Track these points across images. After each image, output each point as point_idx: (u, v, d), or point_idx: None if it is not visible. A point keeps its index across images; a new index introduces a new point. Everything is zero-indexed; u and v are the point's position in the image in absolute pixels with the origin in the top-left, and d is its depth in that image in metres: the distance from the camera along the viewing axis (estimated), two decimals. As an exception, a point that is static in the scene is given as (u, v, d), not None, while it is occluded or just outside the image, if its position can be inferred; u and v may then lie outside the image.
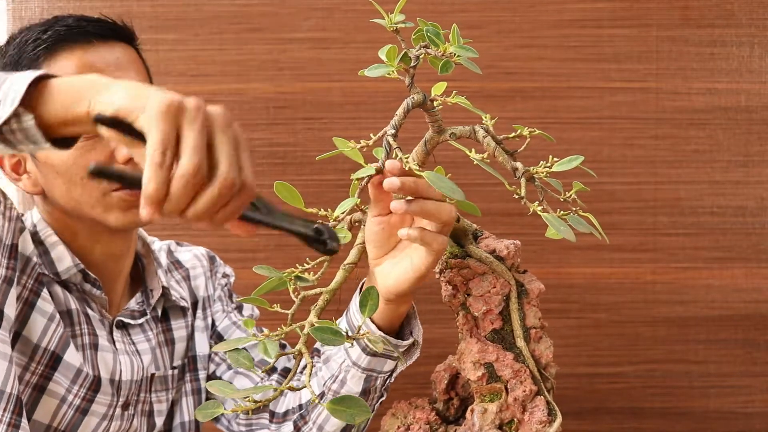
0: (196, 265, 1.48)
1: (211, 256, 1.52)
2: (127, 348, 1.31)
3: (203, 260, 1.50)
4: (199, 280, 1.47)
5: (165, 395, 1.38)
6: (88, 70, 1.20)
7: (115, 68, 1.23)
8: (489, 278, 1.08)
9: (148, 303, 1.36)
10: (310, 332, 1.01)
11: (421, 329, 1.20)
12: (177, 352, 1.40)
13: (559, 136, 1.82)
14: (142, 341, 1.34)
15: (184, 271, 1.47)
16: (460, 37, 1.00)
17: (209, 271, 1.49)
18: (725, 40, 1.83)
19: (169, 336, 1.40)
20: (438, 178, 0.99)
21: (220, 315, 1.47)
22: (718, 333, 1.88)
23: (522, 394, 1.06)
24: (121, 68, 1.24)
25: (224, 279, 1.51)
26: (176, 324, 1.41)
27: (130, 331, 1.33)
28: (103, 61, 1.22)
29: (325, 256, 0.98)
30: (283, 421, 1.36)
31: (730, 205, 1.86)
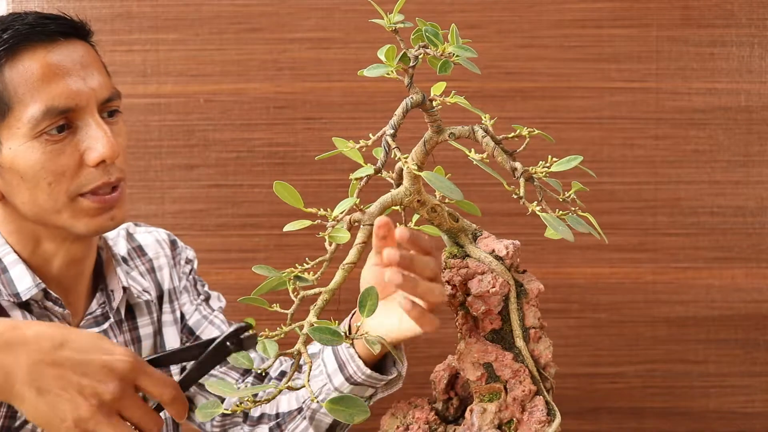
0: (159, 254, 1.44)
1: (172, 240, 1.47)
2: None
3: (165, 247, 1.45)
4: (163, 271, 1.43)
5: (149, 319, 1.36)
6: (54, 69, 1.17)
7: (80, 67, 1.20)
8: (488, 278, 1.08)
9: (110, 306, 1.32)
10: (308, 332, 1.00)
11: (405, 363, 1.21)
12: (144, 350, 1.37)
13: (559, 136, 1.82)
14: None
15: (147, 262, 1.42)
16: (459, 37, 1.00)
17: (172, 260, 1.45)
18: (725, 40, 1.83)
19: (135, 334, 1.36)
20: (436, 178, 0.99)
21: (189, 308, 1.43)
22: (718, 333, 1.88)
23: (521, 394, 1.06)
24: (85, 66, 1.21)
25: (188, 266, 1.47)
26: (142, 321, 1.37)
27: None
28: (68, 60, 1.19)
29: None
30: (257, 424, 1.35)
31: (730, 205, 1.86)
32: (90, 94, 1.19)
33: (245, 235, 1.84)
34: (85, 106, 1.19)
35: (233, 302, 1.82)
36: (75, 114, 1.18)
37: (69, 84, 1.17)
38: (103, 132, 1.19)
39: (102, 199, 1.21)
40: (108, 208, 1.22)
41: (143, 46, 1.82)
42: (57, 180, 1.18)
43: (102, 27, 1.82)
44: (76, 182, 1.19)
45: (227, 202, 1.84)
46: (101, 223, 1.22)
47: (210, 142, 1.83)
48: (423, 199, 1.08)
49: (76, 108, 1.18)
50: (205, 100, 1.83)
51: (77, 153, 1.18)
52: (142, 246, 1.44)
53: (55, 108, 1.16)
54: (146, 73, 1.82)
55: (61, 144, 1.17)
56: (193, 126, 1.83)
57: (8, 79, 1.16)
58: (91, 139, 1.19)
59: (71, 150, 1.18)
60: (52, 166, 1.17)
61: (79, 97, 1.18)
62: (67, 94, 1.17)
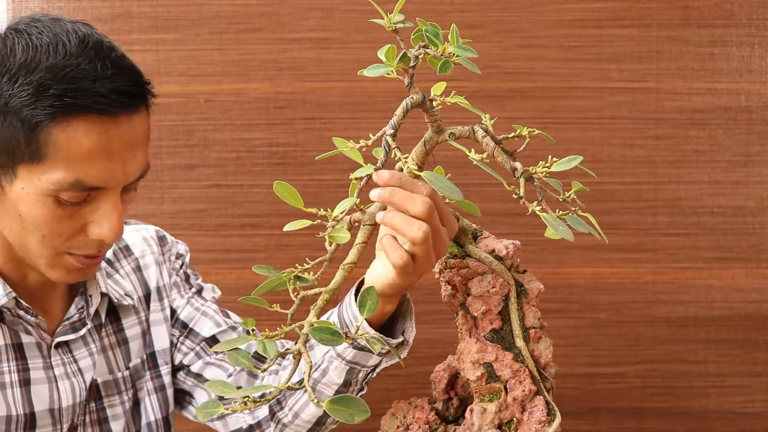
0: (145, 252, 1.41)
1: (161, 236, 1.44)
2: (68, 369, 1.26)
3: (153, 244, 1.42)
4: (150, 269, 1.40)
5: (119, 398, 1.33)
6: (101, 149, 1.10)
7: (127, 149, 1.13)
8: (488, 278, 1.08)
9: (87, 311, 1.30)
10: (308, 332, 1.00)
11: (414, 331, 1.20)
12: (132, 351, 1.35)
13: (559, 136, 1.82)
14: (84, 356, 1.29)
15: (133, 261, 1.40)
16: (459, 37, 1.00)
17: (161, 256, 1.42)
18: (725, 40, 1.83)
19: (120, 336, 1.34)
20: (436, 178, 0.99)
21: (180, 302, 1.41)
22: (718, 333, 1.88)
23: (521, 394, 1.06)
24: (132, 148, 1.14)
25: (178, 261, 1.44)
26: (128, 322, 1.35)
27: (71, 347, 1.28)
28: (118, 141, 1.11)
29: None
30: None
31: (730, 205, 1.86)
32: (123, 179, 1.14)
33: (245, 235, 1.84)
34: (112, 188, 1.14)
35: (233, 302, 1.83)
36: (99, 192, 1.13)
37: (108, 167, 1.11)
38: (117, 216, 1.15)
39: (85, 261, 1.18)
40: (86, 267, 1.20)
41: (143, 46, 1.82)
42: (52, 237, 1.14)
43: (102, 27, 1.80)
44: (69, 244, 1.16)
45: (227, 202, 1.84)
46: (75, 277, 1.21)
47: (210, 142, 1.83)
48: (423, 199, 1.08)
49: (104, 188, 1.13)
50: (205, 100, 1.83)
51: (82, 221, 1.15)
52: (129, 246, 1.41)
53: (84, 184, 1.11)
54: (146, 73, 1.80)
55: (70, 210, 1.13)
56: (193, 126, 1.83)
57: (54, 137, 1.09)
58: (101, 216, 1.14)
59: (78, 217, 1.14)
60: (54, 225, 1.13)
61: (112, 181, 1.13)
62: (101, 176, 1.11)
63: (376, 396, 1.86)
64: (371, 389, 1.90)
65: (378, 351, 1.05)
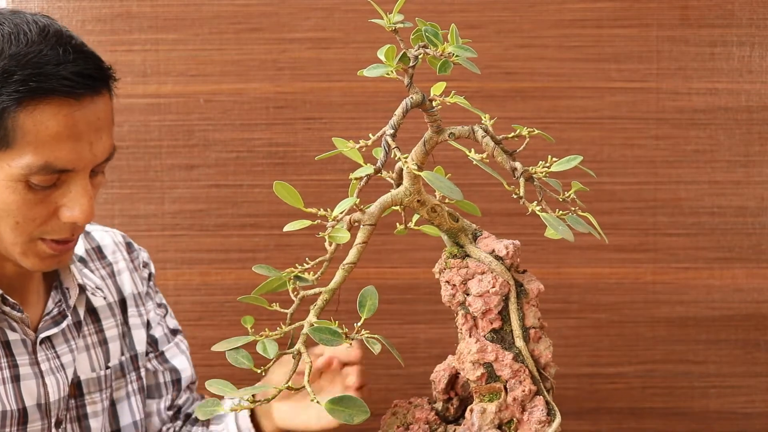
0: (118, 258, 1.43)
1: (127, 242, 1.47)
2: (52, 365, 1.28)
3: (122, 249, 1.45)
4: (123, 275, 1.43)
5: (99, 396, 1.35)
6: (68, 131, 1.13)
7: (93, 130, 1.16)
8: (488, 278, 1.08)
9: (66, 304, 1.32)
10: (308, 332, 1.00)
11: None
12: (111, 352, 1.37)
13: (559, 136, 1.82)
14: (66, 352, 1.31)
15: (107, 266, 1.42)
16: (459, 37, 1.00)
17: (131, 263, 1.45)
18: (725, 40, 1.83)
19: (101, 336, 1.36)
20: (436, 178, 0.99)
21: (153, 317, 1.45)
22: (719, 333, 1.88)
23: (521, 394, 1.06)
24: (98, 129, 1.17)
25: (145, 270, 1.47)
26: (107, 323, 1.38)
27: (54, 342, 1.30)
28: (84, 123, 1.15)
29: None
30: None
31: (731, 205, 1.86)
32: (91, 160, 1.17)
33: (245, 235, 1.84)
34: (80, 170, 1.17)
35: (233, 302, 1.83)
36: (68, 174, 1.16)
37: (76, 148, 1.15)
38: (87, 198, 1.17)
39: (58, 247, 1.20)
40: (59, 254, 1.22)
41: (143, 46, 1.82)
42: (25, 223, 1.16)
43: (102, 27, 1.82)
44: (42, 229, 1.18)
45: (227, 202, 1.84)
46: (49, 265, 1.22)
47: (210, 142, 1.83)
48: (423, 199, 1.08)
49: (72, 170, 1.16)
50: (205, 100, 1.83)
51: (54, 205, 1.17)
52: (101, 247, 1.43)
53: (53, 167, 1.14)
54: (146, 73, 1.82)
55: (42, 194, 1.16)
56: (193, 126, 1.83)
57: (21, 123, 1.12)
58: (72, 199, 1.17)
59: (49, 201, 1.17)
60: (26, 211, 1.15)
61: (79, 162, 1.16)
62: (69, 158, 1.14)
63: (377, 396, 1.86)
64: (372, 389, 1.90)
65: (377, 351, 1.05)
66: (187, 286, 1.85)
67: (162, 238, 1.83)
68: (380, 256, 1.84)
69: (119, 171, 1.83)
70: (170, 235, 1.83)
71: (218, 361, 1.18)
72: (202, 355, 1.59)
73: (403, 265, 1.86)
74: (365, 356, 1.31)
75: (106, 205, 1.82)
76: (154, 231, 1.83)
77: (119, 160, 1.83)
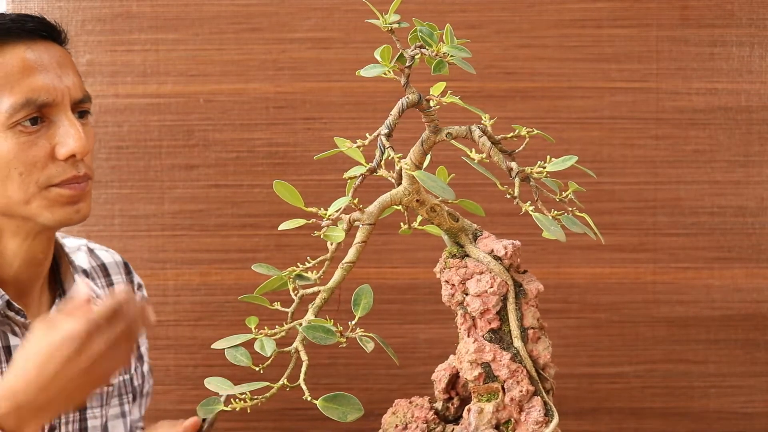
0: (119, 280, 1.48)
1: (125, 263, 1.52)
2: None
3: (122, 271, 1.50)
4: None
5: (100, 411, 1.36)
6: (33, 64, 1.23)
7: (57, 65, 1.25)
8: (486, 278, 1.08)
9: None
10: (302, 330, 1.01)
11: None
12: None
13: (559, 136, 1.82)
14: None
15: (110, 285, 1.46)
16: (454, 37, 1.01)
17: (128, 285, 1.49)
18: (725, 40, 1.83)
19: None
20: (429, 177, 0.99)
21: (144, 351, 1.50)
22: (719, 333, 1.88)
23: (519, 395, 1.06)
24: (62, 66, 1.26)
25: (139, 293, 1.51)
26: None
27: None
28: (46, 57, 1.25)
29: None
30: None
31: (730, 205, 1.86)
32: (65, 92, 1.25)
33: (245, 235, 1.84)
34: (60, 103, 1.24)
35: (234, 302, 1.83)
36: (50, 109, 1.23)
37: (47, 80, 1.23)
38: (75, 129, 1.24)
39: (72, 187, 1.25)
40: (77, 199, 1.26)
41: (143, 46, 1.82)
42: (28, 171, 1.22)
43: (102, 27, 1.82)
44: (46, 173, 1.23)
45: (227, 202, 1.84)
46: (69, 214, 1.26)
47: (210, 142, 1.83)
48: (422, 199, 1.08)
49: (52, 103, 1.23)
50: (205, 100, 1.83)
51: (49, 146, 1.23)
52: (105, 265, 1.47)
53: (33, 101, 1.21)
54: (146, 73, 1.83)
55: (34, 136, 1.22)
56: (193, 126, 1.83)
57: None
58: (63, 134, 1.23)
59: (43, 142, 1.23)
60: (24, 157, 1.21)
61: (55, 93, 1.23)
62: (45, 88, 1.22)
63: (377, 396, 1.86)
64: (373, 389, 1.90)
65: (370, 350, 1.06)
66: (187, 286, 1.85)
67: (162, 238, 1.83)
68: (380, 256, 1.84)
69: (119, 171, 1.83)
70: (170, 235, 1.83)
71: (219, 361, 1.18)
72: (202, 355, 1.60)
73: (403, 265, 1.86)
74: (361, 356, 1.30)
75: (106, 205, 1.82)
76: (154, 231, 1.83)
77: (119, 159, 1.83)
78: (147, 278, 1.77)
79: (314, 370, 1.13)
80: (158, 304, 1.85)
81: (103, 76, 1.83)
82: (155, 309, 1.84)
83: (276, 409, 1.86)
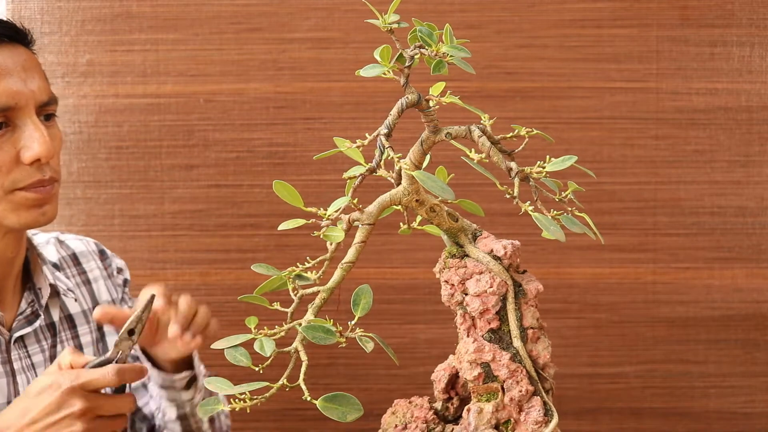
0: (92, 267, 1.47)
1: (100, 250, 1.51)
2: (23, 364, 1.30)
3: (96, 258, 1.49)
4: (99, 283, 1.46)
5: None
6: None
7: (21, 69, 1.24)
8: (485, 278, 1.08)
9: (39, 303, 1.35)
10: (301, 330, 1.01)
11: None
12: None
13: (559, 136, 1.82)
14: (37, 352, 1.33)
15: (82, 273, 1.46)
16: (454, 37, 1.00)
17: (104, 271, 1.49)
18: (725, 40, 1.83)
19: (77, 342, 1.39)
20: (428, 177, 0.99)
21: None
22: (719, 333, 1.88)
23: (518, 395, 1.06)
24: (26, 69, 1.25)
25: (120, 277, 1.51)
26: (82, 329, 1.41)
27: (26, 342, 1.32)
28: (10, 61, 1.24)
29: None
30: None
31: (730, 205, 1.86)
32: (30, 96, 1.23)
33: (245, 235, 1.85)
34: (24, 107, 1.23)
35: (234, 302, 1.83)
36: (14, 113, 1.22)
37: (10, 84, 1.22)
38: (40, 133, 1.23)
39: (38, 191, 1.24)
40: (42, 202, 1.26)
41: (143, 46, 1.82)
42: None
43: (102, 27, 1.82)
44: (11, 178, 1.22)
45: (227, 202, 1.84)
46: (35, 216, 1.25)
47: (210, 142, 1.84)
48: (422, 199, 1.08)
49: (15, 107, 1.22)
50: (205, 100, 1.83)
51: (14, 150, 1.22)
52: (76, 254, 1.47)
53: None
54: (146, 73, 1.83)
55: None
56: (193, 126, 1.83)
57: None
58: (27, 138, 1.23)
59: (8, 147, 1.22)
60: None
61: (19, 97, 1.22)
62: (8, 93, 1.21)
63: (377, 396, 1.86)
64: (373, 389, 1.90)
65: (370, 349, 1.05)
66: (187, 286, 1.85)
67: (162, 238, 1.83)
68: (380, 256, 1.84)
69: (119, 171, 1.83)
70: (170, 235, 1.83)
71: (219, 361, 1.18)
72: (202, 355, 1.59)
73: (403, 265, 1.86)
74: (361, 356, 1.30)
75: (106, 205, 1.83)
76: (154, 231, 1.83)
77: (119, 159, 1.83)
78: (147, 278, 1.76)
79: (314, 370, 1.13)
80: (158, 304, 1.85)
81: (103, 76, 1.83)
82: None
83: (276, 409, 1.86)
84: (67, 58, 1.81)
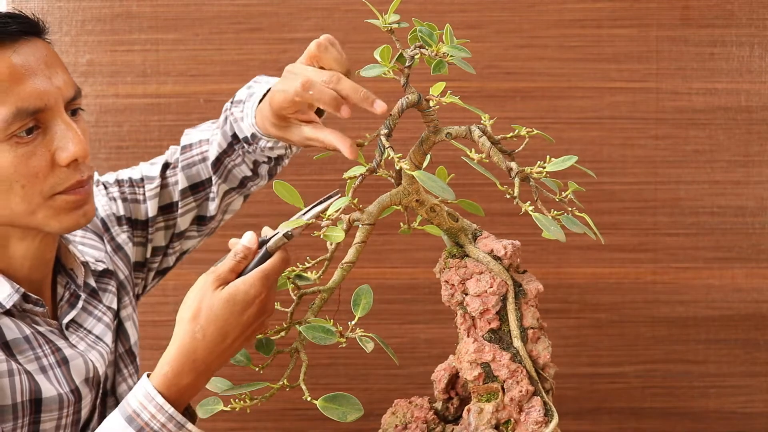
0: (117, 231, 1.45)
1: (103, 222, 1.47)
2: (87, 341, 1.29)
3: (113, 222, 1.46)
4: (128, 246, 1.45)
5: (128, 371, 1.38)
6: (21, 70, 1.15)
7: (45, 66, 1.18)
8: (485, 278, 1.08)
9: (75, 284, 1.32)
10: (301, 330, 1.01)
11: None
12: (130, 331, 1.41)
13: (558, 136, 1.82)
14: (94, 324, 1.32)
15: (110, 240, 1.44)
16: (454, 37, 1.01)
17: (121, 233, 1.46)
18: (725, 40, 1.83)
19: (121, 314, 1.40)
20: (429, 177, 0.99)
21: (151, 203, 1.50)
22: (719, 333, 1.88)
23: (518, 395, 1.06)
24: (50, 65, 1.19)
25: (114, 188, 1.48)
26: (123, 303, 1.40)
27: (79, 321, 1.30)
28: (33, 59, 1.17)
29: None
30: (246, 183, 1.57)
31: (730, 205, 1.86)
32: (57, 93, 1.17)
33: (245, 235, 1.84)
34: (53, 106, 1.17)
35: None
36: (44, 114, 1.16)
37: (37, 84, 1.15)
38: (73, 131, 1.18)
39: (77, 192, 1.19)
40: (82, 203, 1.21)
41: (143, 46, 1.82)
42: (30, 183, 1.16)
43: (102, 27, 1.82)
44: (50, 183, 1.17)
45: (227, 202, 1.84)
46: (75, 219, 1.21)
47: (210, 142, 1.83)
48: (422, 199, 1.08)
49: (45, 108, 1.16)
50: (205, 100, 1.83)
51: (48, 153, 1.17)
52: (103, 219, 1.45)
53: (26, 109, 1.14)
54: (146, 73, 1.83)
55: (32, 145, 1.15)
56: (193, 126, 1.83)
57: None
58: (61, 138, 1.17)
59: (42, 151, 1.16)
60: (24, 169, 1.15)
61: (47, 97, 1.16)
62: (36, 94, 1.15)
63: (377, 396, 1.86)
64: (373, 389, 1.90)
65: (370, 350, 1.05)
66: (187, 287, 1.83)
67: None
68: (380, 256, 1.84)
69: (119, 171, 1.83)
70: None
71: (218, 360, 1.19)
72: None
73: (403, 265, 1.86)
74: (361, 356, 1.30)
75: (107, 205, 1.82)
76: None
77: (119, 160, 1.83)
78: (147, 278, 1.76)
79: (314, 371, 1.13)
80: (158, 304, 1.85)
81: (103, 76, 1.83)
82: (155, 309, 1.86)
83: (276, 409, 1.86)
84: (67, 58, 1.81)
